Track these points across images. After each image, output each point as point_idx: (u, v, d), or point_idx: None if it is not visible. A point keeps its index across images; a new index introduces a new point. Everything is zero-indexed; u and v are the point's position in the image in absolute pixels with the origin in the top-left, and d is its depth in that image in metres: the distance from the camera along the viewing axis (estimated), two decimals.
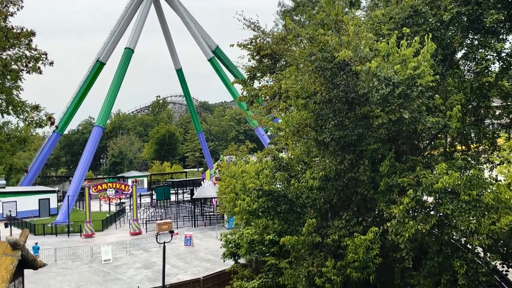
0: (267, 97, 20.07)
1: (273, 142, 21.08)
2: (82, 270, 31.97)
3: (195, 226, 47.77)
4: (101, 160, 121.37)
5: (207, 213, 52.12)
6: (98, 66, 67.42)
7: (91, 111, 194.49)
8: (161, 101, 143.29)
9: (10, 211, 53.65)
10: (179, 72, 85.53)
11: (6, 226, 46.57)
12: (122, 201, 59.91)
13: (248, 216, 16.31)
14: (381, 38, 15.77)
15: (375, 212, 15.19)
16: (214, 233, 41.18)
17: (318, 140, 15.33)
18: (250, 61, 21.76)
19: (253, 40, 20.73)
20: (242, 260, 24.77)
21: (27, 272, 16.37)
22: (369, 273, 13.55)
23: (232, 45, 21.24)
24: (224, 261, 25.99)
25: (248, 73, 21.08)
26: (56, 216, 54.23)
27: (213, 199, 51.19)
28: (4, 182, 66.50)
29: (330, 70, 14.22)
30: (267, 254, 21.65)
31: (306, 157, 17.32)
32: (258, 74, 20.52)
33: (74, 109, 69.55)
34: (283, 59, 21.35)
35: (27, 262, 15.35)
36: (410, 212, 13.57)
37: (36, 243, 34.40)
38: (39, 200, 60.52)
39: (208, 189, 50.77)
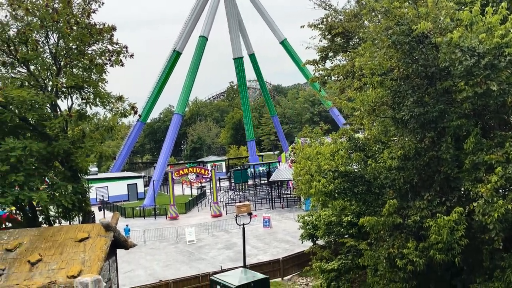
0: (340, 77, 19.64)
1: (348, 123, 20.65)
2: (169, 250, 33.87)
3: (272, 208, 48.47)
4: (181, 146, 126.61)
5: (284, 195, 52.62)
6: (175, 56, 69.96)
7: (170, 100, 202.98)
8: (235, 86, 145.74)
9: (102, 195, 58.04)
10: (252, 56, 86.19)
11: (99, 209, 50.49)
12: (202, 184, 62.32)
13: (324, 197, 16.22)
14: (463, 7, 14.70)
15: (459, 191, 14.39)
16: (292, 215, 41.53)
17: (396, 119, 14.75)
18: (321, 41, 21.38)
19: (324, 19, 20.30)
20: (320, 242, 24.79)
21: (120, 252, 17.66)
22: (454, 255, 12.92)
23: (303, 26, 20.97)
24: (302, 243, 26.18)
25: (320, 53, 20.72)
26: (143, 200, 57.78)
27: (289, 181, 51.47)
28: (96, 169, 71.86)
29: (408, 44, 13.55)
30: (345, 236, 21.47)
31: (383, 137, 16.77)
32: (330, 54, 20.10)
33: (155, 99, 73.05)
34: (356, 37, 20.69)
35: (119, 242, 16.55)
36: (499, 191, 12.68)
37: (127, 225, 36.95)
38: (128, 185, 64.81)
39: (284, 171, 51.14)
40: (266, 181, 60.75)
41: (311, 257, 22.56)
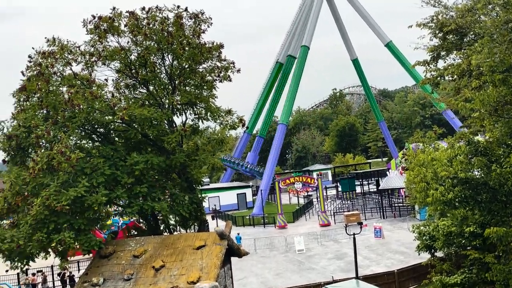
0: (455, 76, 18.27)
1: (466, 125, 19.11)
2: (279, 259, 34.26)
3: (383, 218, 46.58)
4: (287, 155, 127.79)
5: (396, 204, 50.28)
6: (278, 67, 71.23)
7: (275, 111, 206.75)
8: (337, 93, 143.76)
9: (214, 205, 60.81)
10: (355, 62, 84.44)
11: (212, 218, 52.94)
12: (309, 193, 62.16)
13: (442, 206, 15.19)
14: None
15: None
16: (405, 225, 39.48)
17: None
18: (431, 40, 20.12)
19: (434, 17, 19.11)
20: (439, 253, 23.17)
21: (233, 259, 18.29)
22: None
23: (411, 26, 19.95)
24: (419, 254, 24.72)
25: (431, 53, 19.51)
26: (252, 209, 59.31)
27: (401, 189, 49.09)
28: (208, 180, 75.60)
29: None
30: (468, 248, 19.79)
31: (508, 139, 15.24)
32: (443, 53, 18.82)
33: (260, 110, 74.94)
34: (471, 33, 19.16)
35: (233, 250, 17.15)
36: None
37: (238, 234, 38.18)
38: (237, 194, 67.15)
39: (394, 179, 48.93)
40: (375, 190, 58.68)
41: (429, 270, 21.18)
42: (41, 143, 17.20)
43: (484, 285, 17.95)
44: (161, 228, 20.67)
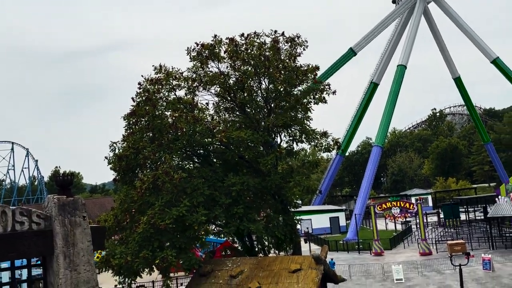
0: None
1: None
2: (375, 287, 32.65)
3: (493, 248, 42.42)
4: (381, 178, 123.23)
5: (507, 234, 45.65)
6: (372, 87, 69.52)
7: (367, 132, 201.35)
8: (437, 113, 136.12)
9: (307, 228, 60.09)
10: (458, 80, 79.49)
11: (305, 241, 52.27)
12: (407, 219, 58.96)
13: None
14: None
15: None
16: None
17: None
18: None
19: None
20: None
21: (328, 286, 17.74)
22: None
23: None
24: None
25: None
26: (346, 233, 57.60)
27: None
28: (300, 202, 75.21)
29: None
30: None
31: None
32: None
33: (353, 131, 73.39)
34: None
35: (329, 276, 16.68)
36: None
37: (332, 259, 37.16)
38: (330, 218, 65.76)
39: (505, 206, 44.58)
40: (482, 217, 53.93)
41: None
42: (147, 164, 18.40)
43: None
44: (256, 249, 20.83)
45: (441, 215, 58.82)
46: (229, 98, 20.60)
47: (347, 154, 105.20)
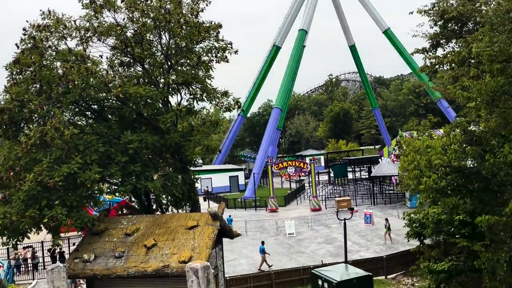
0: (453, 65, 18.25)
1: (462, 115, 19.17)
2: (269, 241, 34.46)
3: (374, 204, 46.97)
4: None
5: (387, 191, 50.70)
6: (275, 50, 70.69)
7: (269, 94, 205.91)
8: (333, 79, 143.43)
9: (207, 186, 60.90)
10: (353, 48, 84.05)
11: (204, 200, 53.02)
12: (301, 178, 62.43)
13: (435, 194, 15.30)
14: None
15: None
16: (395, 212, 39.86)
17: None
18: (431, 27, 20.06)
19: (435, 4, 19.00)
20: (427, 241, 23.44)
21: (224, 240, 18.35)
22: None
23: (412, 12, 19.87)
24: (408, 241, 24.98)
25: (430, 41, 19.47)
26: (244, 192, 59.52)
27: (392, 176, 49.47)
28: (201, 161, 75.54)
29: None
30: (457, 236, 20.01)
31: (503, 130, 15.29)
32: (442, 41, 18.77)
33: (255, 93, 74.57)
34: (471, 22, 19.09)
35: (225, 231, 17.23)
36: None
37: (230, 216, 38.32)
38: (230, 177, 67.26)
39: (386, 166, 49.24)
40: (367, 176, 59.04)
41: (418, 256, 21.43)
42: (34, 118, 17.02)
43: (470, 273, 18.22)
44: (154, 207, 20.68)
45: (332, 174, 63.19)
46: (126, 52, 19.56)
47: (249, 115, 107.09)
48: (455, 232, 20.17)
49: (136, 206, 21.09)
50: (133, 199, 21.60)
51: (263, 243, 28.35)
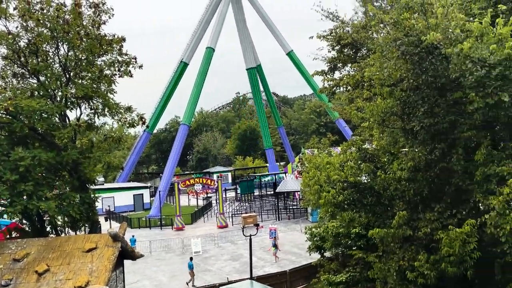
0: (349, 87, 19.64)
1: (357, 134, 20.62)
2: (174, 261, 33.72)
3: (279, 220, 48.22)
4: (187, 156, 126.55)
5: (290, 207, 52.37)
6: (182, 66, 70.32)
7: (177, 110, 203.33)
8: (241, 97, 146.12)
9: (108, 206, 58.03)
10: (258, 68, 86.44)
11: (106, 220, 50.40)
12: (208, 195, 62.19)
13: (333, 208, 16.13)
14: (472, 18, 14.67)
15: (470, 204, 14.24)
16: (298, 226, 41.27)
17: (405, 129, 14.70)
18: (330, 51, 21.43)
19: (333, 30, 20.36)
20: (328, 254, 24.56)
21: (126, 262, 17.57)
22: (466, 268, 12.75)
23: (312, 37, 21.02)
24: (310, 255, 25.95)
25: (328, 64, 20.76)
26: (149, 211, 57.70)
27: (296, 192, 51.30)
28: (102, 179, 71.96)
29: (417, 55, 13.52)
30: (353, 248, 21.26)
31: (392, 148, 16.68)
32: (339, 65, 20.13)
33: (162, 109, 73.25)
34: (364, 48, 20.73)
35: (127, 253, 16.45)
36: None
37: (133, 236, 36.84)
38: (134, 195, 64.80)
39: (290, 182, 50.96)
40: (272, 192, 60.55)
41: (318, 269, 22.35)
42: None
43: (366, 283, 19.41)
44: (48, 229, 19.18)
45: (239, 191, 63.82)
46: (19, 63, 18.15)
47: (155, 131, 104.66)
48: (352, 245, 21.41)
49: (27, 229, 19.39)
50: (24, 221, 19.85)
51: (191, 259, 28.32)
